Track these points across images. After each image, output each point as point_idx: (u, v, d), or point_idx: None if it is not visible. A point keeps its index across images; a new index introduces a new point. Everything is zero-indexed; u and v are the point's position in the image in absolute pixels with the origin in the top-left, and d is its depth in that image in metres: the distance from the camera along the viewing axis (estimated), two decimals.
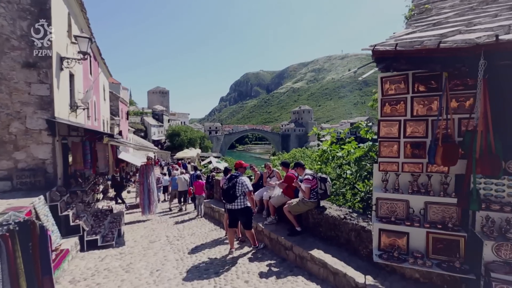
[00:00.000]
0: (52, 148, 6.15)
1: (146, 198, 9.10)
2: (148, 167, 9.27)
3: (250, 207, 5.02)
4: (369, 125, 5.45)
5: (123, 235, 7.12)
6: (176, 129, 48.72)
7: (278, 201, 5.54)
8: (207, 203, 9.52)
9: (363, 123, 5.54)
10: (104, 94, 16.30)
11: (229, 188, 4.86)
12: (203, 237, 6.62)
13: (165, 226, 8.24)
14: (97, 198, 9.19)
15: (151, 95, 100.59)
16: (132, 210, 11.45)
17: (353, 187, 5.69)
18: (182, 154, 32.24)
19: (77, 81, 8.77)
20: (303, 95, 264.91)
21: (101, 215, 7.38)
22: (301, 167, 4.95)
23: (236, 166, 5.24)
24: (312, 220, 4.83)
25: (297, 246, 4.41)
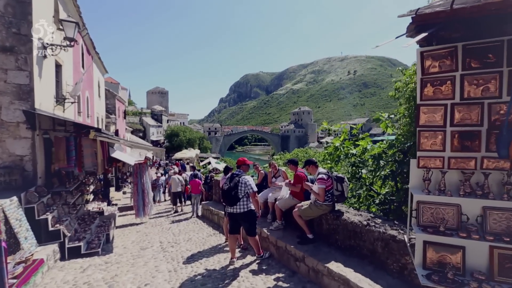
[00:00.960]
0: (31, 143, 5.48)
1: (140, 199, 8.42)
2: (143, 166, 8.61)
3: (254, 211, 4.37)
4: (390, 117, 4.80)
5: (112, 240, 6.44)
6: (175, 129, 48.03)
7: (286, 204, 4.89)
8: (205, 205, 8.87)
9: (384, 114, 4.89)
10: (99, 91, 15.64)
11: (230, 189, 4.21)
12: (200, 244, 5.95)
13: (159, 230, 7.57)
14: (86, 200, 8.50)
15: (150, 95, 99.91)
16: (126, 212, 10.79)
17: (369, 188, 5.05)
18: (181, 155, 31.58)
19: (66, 73, 8.11)
20: (302, 96, 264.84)
21: (89, 218, 6.70)
22: (314, 165, 4.30)
23: (238, 163, 4.58)
24: (326, 226, 4.17)
25: (310, 257, 3.76)
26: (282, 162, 18.68)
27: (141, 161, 8.69)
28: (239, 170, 4.49)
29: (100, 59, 14.50)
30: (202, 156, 40.15)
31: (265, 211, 5.64)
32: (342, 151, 5.44)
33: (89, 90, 12.08)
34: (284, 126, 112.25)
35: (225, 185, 4.34)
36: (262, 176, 6.27)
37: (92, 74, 13.18)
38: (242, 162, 4.59)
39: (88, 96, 11.92)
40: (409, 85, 4.45)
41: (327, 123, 6.18)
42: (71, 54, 8.93)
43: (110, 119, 19.39)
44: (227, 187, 4.25)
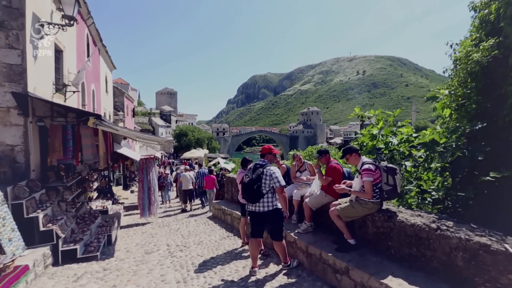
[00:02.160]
0: (23, 131, 4.84)
1: (146, 197, 7.74)
2: (149, 162, 7.93)
3: (281, 210, 3.57)
4: (451, 93, 3.90)
5: (114, 242, 5.75)
6: (183, 129, 47.73)
7: (317, 202, 4.07)
8: (216, 204, 8.11)
9: (442, 91, 4.00)
10: (107, 86, 15.17)
11: (253, 182, 3.42)
12: (213, 248, 5.18)
13: (167, 232, 6.85)
14: (89, 197, 7.89)
15: (159, 96, 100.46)
16: (132, 211, 10.15)
17: (418, 185, 4.17)
18: (190, 154, 31.14)
19: (68, 60, 7.52)
20: (310, 97, 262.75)
21: (89, 217, 6.04)
22: (356, 153, 3.46)
23: (263, 151, 3.78)
24: (373, 229, 3.33)
25: (357, 269, 2.93)
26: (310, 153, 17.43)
27: (148, 156, 8.01)
28: (263, 159, 3.69)
29: (107, 53, 14.00)
30: (211, 156, 39.66)
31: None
32: (381, 140, 4.58)
33: (95, 84, 11.55)
34: (293, 126, 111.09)
35: (246, 177, 3.55)
36: (284, 170, 5.43)
37: (99, 67, 12.67)
38: (267, 150, 3.78)
39: (94, 89, 11.39)
40: (472, 55, 3.58)
41: (359, 109, 5.32)
42: (74, 40, 8.36)
43: (118, 116, 18.95)
44: (249, 179, 3.46)
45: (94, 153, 5.76)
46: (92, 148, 5.63)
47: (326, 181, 3.89)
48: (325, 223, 4.12)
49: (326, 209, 4.10)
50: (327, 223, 4.09)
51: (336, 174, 3.92)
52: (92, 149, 5.62)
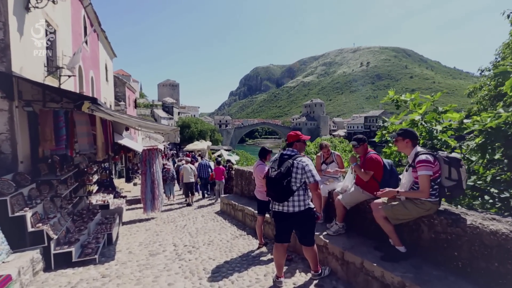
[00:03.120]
0: (8, 117, 4.22)
1: (149, 191, 7.17)
2: (152, 153, 7.32)
3: (313, 210, 2.95)
4: None
5: (115, 241, 5.19)
6: (186, 120, 47.09)
7: (352, 199, 3.44)
8: (225, 198, 7.54)
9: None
10: (107, 74, 14.49)
11: (282, 177, 2.78)
12: (225, 249, 4.61)
13: (172, 229, 6.29)
14: (89, 191, 7.33)
15: (161, 87, 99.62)
16: (135, 205, 9.63)
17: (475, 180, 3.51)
18: (192, 146, 30.56)
19: (62, 41, 6.84)
20: (313, 89, 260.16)
21: (87, 214, 5.48)
22: (412, 139, 2.78)
23: (290, 139, 3.12)
24: (430, 235, 2.70)
25: (417, 286, 2.31)
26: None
27: (151, 147, 7.40)
28: (291, 149, 3.05)
29: (106, 39, 13.26)
30: (214, 148, 39.17)
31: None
32: (424, 128, 3.91)
33: (94, 71, 10.88)
34: (296, 118, 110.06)
35: (272, 171, 2.91)
36: None
37: (98, 53, 11.97)
38: (295, 137, 3.11)
39: (93, 76, 10.72)
40: None
41: (393, 92, 4.63)
42: (69, 21, 7.65)
43: (120, 107, 18.32)
44: (276, 174, 2.82)
45: (90, 142, 5.14)
46: (88, 137, 5.00)
47: (368, 176, 3.24)
48: (361, 224, 3.51)
49: (361, 208, 3.49)
50: (363, 224, 3.48)
51: (376, 167, 3.28)
52: (88, 138, 4.99)
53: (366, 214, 3.42)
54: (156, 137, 29.20)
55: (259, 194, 4.23)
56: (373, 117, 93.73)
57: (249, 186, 7.04)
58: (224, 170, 9.83)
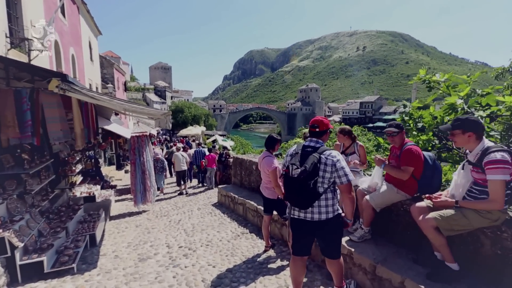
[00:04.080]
0: None
1: (139, 182, 6.49)
2: (142, 140, 6.58)
3: (342, 217, 2.33)
4: None
5: (99, 242, 4.56)
6: (179, 105, 45.69)
7: (384, 200, 2.83)
8: (222, 190, 6.92)
9: None
10: (92, 53, 13.34)
11: (307, 176, 2.11)
12: (226, 251, 4.03)
13: (166, 225, 5.68)
14: (71, 182, 6.61)
15: (153, 70, 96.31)
16: (126, 195, 8.95)
17: None
18: (186, 132, 29.76)
19: (31, 9, 5.85)
20: (308, 73, 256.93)
21: (67, 211, 4.78)
22: (475, 131, 2.10)
23: (317, 127, 2.38)
24: (495, 251, 2.12)
25: None
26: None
27: (139, 133, 6.64)
28: (315, 139, 2.37)
29: (89, 13, 12.03)
30: (208, 134, 38.33)
31: None
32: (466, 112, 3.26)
33: (75, 48, 9.81)
34: (291, 103, 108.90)
35: (293, 168, 2.22)
36: None
37: (79, 29, 10.82)
38: (321, 123, 2.39)
39: (74, 54, 9.68)
40: None
41: (425, 71, 3.94)
42: None
43: (107, 89, 17.20)
44: (300, 172, 2.14)
45: (65, 129, 4.36)
46: (61, 122, 4.21)
47: (407, 173, 2.62)
48: (393, 230, 2.93)
49: (393, 210, 2.89)
50: (395, 230, 2.90)
51: (417, 162, 2.65)
52: (62, 124, 4.21)
53: (400, 217, 2.84)
54: (149, 122, 28.16)
55: (266, 191, 3.60)
56: (368, 103, 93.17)
57: (250, 177, 6.42)
58: (215, 158, 9.67)
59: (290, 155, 2.40)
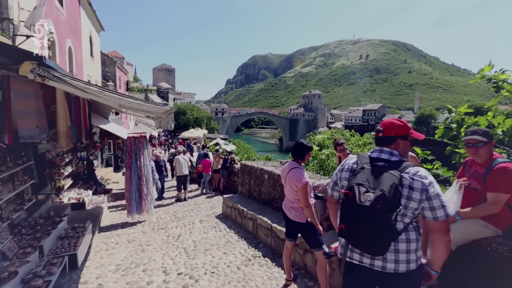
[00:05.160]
0: None
1: (134, 189, 5.72)
2: (139, 142, 5.83)
3: (423, 267, 1.56)
4: None
5: (82, 263, 3.77)
6: (182, 107, 45.07)
7: (466, 236, 2.05)
8: (228, 200, 6.15)
9: None
10: (92, 49, 12.69)
11: (385, 206, 1.36)
12: (237, 283, 3.24)
13: (163, 240, 4.89)
14: (59, 186, 5.85)
15: (156, 72, 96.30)
16: (120, 200, 8.17)
17: None
18: (188, 134, 29.15)
19: None
20: (311, 80, 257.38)
21: (45, 223, 4.00)
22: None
23: (390, 130, 1.62)
24: None
25: None
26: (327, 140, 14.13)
27: (137, 133, 5.89)
28: (389, 149, 1.62)
29: (90, 6, 11.41)
30: (210, 137, 37.65)
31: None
32: None
33: (73, 40, 9.15)
34: (293, 109, 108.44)
35: (361, 190, 1.45)
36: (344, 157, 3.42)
37: (79, 21, 10.18)
38: (402, 129, 1.62)
39: (72, 47, 9.01)
40: None
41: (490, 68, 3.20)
42: None
43: (108, 87, 16.53)
44: (375, 198, 1.38)
45: (42, 126, 3.61)
46: (38, 117, 3.45)
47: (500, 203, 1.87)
48: (468, 276, 2.15)
49: (473, 247, 2.12)
50: (471, 276, 2.12)
51: None
52: (38, 120, 3.45)
53: (481, 260, 2.06)
54: (150, 123, 27.49)
55: (292, 212, 2.83)
56: (371, 111, 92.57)
57: (261, 187, 5.65)
58: (210, 163, 9.47)
59: (350, 170, 1.65)
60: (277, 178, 5.05)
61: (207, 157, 9.73)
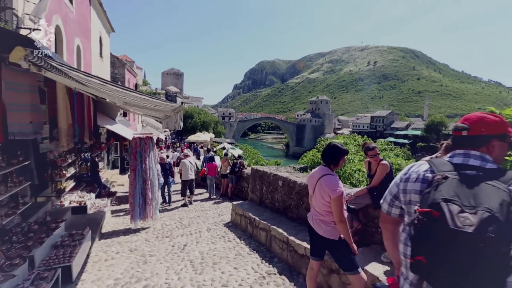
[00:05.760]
0: None
1: (138, 194, 5.35)
2: (145, 143, 5.48)
3: None
4: None
5: (78, 276, 3.39)
6: (189, 110, 45.11)
7: None
8: (238, 208, 5.72)
9: None
10: (102, 49, 12.58)
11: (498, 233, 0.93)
12: None
13: (167, 251, 4.48)
14: (60, 188, 5.53)
15: (165, 76, 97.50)
16: (125, 204, 7.82)
17: None
18: (195, 138, 28.98)
19: None
20: (318, 86, 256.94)
21: (40, 229, 3.64)
22: None
23: (461, 125, 1.22)
24: None
25: None
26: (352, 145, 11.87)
27: (143, 134, 5.56)
28: (478, 152, 1.18)
29: (101, 5, 11.31)
30: (216, 141, 37.47)
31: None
32: None
33: (82, 39, 8.97)
34: (300, 115, 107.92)
35: (455, 209, 1.02)
36: (385, 170, 2.95)
37: (89, 20, 10.04)
38: (475, 121, 1.20)
39: (80, 46, 8.83)
40: None
41: None
42: None
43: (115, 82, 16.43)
44: (481, 221, 0.91)
45: (37, 122, 3.27)
46: (33, 111, 3.11)
47: None
48: None
49: None
50: None
51: None
52: (33, 115, 3.12)
53: None
54: (158, 126, 27.40)
55: (322, 226, 2.37)
56: (380, 117, 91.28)
57: (274, 194, 5.22)
58: (216, 166, 9.32)
59: (422, 180, 1.22)
60: (292, 185, 4.62)
61: (213, 161, 9.55)
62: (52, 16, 6.33)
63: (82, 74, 2.63)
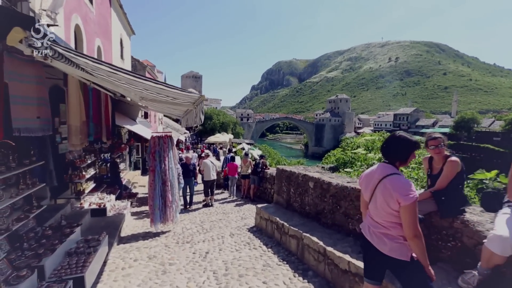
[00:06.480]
0: None
1: (158, 196, 5.04)
2: (164, 142, 5.17)
3: None
4: None
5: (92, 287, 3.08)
6: (208, 112, 45.42)
7: None
8: (263, 211, 5.25)
9: None
10: (122, 51, 12.67)
11: None
12: None
13: (188, 259, 4.11)
14: (79, 190, 5.36)
15: (184, 79, 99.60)
16: (146, 206, 7.61)
17: None
18: (214, 139, 29.07)
19: None
20: (337, 84, 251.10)
21: (53, 235, 3.38)
22: None
23: None
24: None
25: None
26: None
27: (161, 133, 5.25)
28: None
29: (122, 8, 11.35)
30: (235, 141, 37.39)
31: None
32: None
33: (102, 40, 8.95)
34: (319, 114, 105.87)
35: None
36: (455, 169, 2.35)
37: (109, 21, 10.05)
38: None
39: (101, 46, 8.80)
40: None
41: None
42: None
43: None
44: None
45: (45, 117, 2.99)
46: (41, 106, 2.84)
47: None
48: None
49: None
50: None
51: None
52: (40, 109, 2.84)
53: None
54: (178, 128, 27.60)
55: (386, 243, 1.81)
56: (403, 115, 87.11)
57: (303, 197, 4.69)
58: (237, 166, 9.15)
59: None
60: (326, 187, 4.07)
61: (234, 161, 9.33)
62: (72, 15, 6.24)
63: (90, 61, 2.28)
